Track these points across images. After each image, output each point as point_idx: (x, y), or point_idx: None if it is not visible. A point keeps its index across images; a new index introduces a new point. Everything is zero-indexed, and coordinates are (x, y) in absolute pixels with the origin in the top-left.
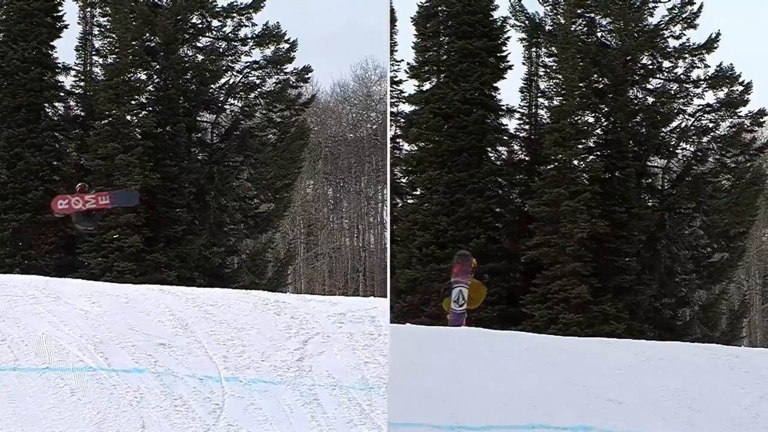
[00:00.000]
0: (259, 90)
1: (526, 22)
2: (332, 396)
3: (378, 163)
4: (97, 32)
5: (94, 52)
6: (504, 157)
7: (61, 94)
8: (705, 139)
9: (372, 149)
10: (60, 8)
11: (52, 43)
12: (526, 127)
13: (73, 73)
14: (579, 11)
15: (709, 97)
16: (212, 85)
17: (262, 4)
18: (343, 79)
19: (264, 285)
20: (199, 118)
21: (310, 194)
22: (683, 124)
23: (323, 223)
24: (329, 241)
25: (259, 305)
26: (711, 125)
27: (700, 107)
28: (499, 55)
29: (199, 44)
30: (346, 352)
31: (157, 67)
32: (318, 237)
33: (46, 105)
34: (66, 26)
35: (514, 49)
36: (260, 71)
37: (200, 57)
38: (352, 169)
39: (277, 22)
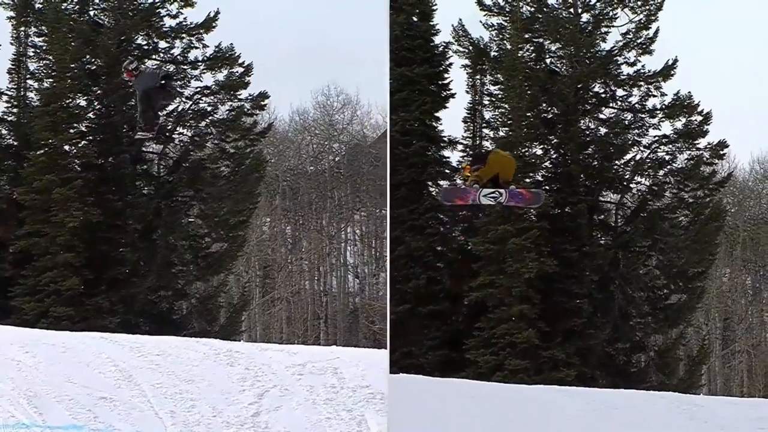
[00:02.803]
0: (210, 118)
1: (470, 47)
2: None
3: (341, 198)
4: (32, 53)
5: (28, 76)
6: None
7: None
8: (661, 173)
9: (335, 183)
10: None
11: None
12: (470, 159)
13: (5, 98)
14: (526, 36)
15: (666, 128)
16: (159, 112)
17: (214, 24)
18: (302, 107)
19: (216, 332)
20: (144, 148)
21: (267, 232)
22: (638, 157)
23: (281, 264)
24: (287, 284)
25: (210, 355)
26: (668, 157)
27: (656, 138)
28: (440, 82)
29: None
30: (306, 406)
31: (99, 92)
32: (275, 280)
33: None
34: None
35: (457, 76)
36: (212, 97)
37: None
38: (313, 205)
39: (231, 44)
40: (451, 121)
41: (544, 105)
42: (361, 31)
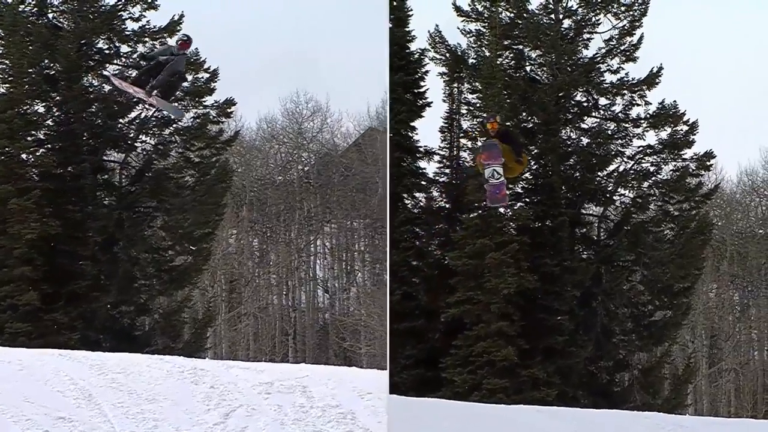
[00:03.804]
0: (174, 125)
1: (447, 54)
2: None
3: (310, 210)
4: None
5: None
6: (422, 204)
7: None
8: (646, 184)
9: (304, 194)
10: None
11: None
12: (447, 171)
13: None
14: (506, 43)
15: (651, 138)
16: (121, 120)
17: (178, 28)
18: (270, 114)
19: (180, 349)
20: (106, 157)
21: (233, 245)
22: (622, 168)
23: (248, 278)
24: (254, 299)
25: (174, 372)
26: (652, 169)
27: (641, 149)
28: (416, 91)
29: (105, 72)
30: (274, 426)
31: (58, 98)
32: (242, 294)
33: None
34: None
35: (434, 84)
36: (176, 103)
37: (107, 88)
38: (281, 216)
39: (196, 48)
40: (428, 130)
41: (524, 114)
42: (331, 36)
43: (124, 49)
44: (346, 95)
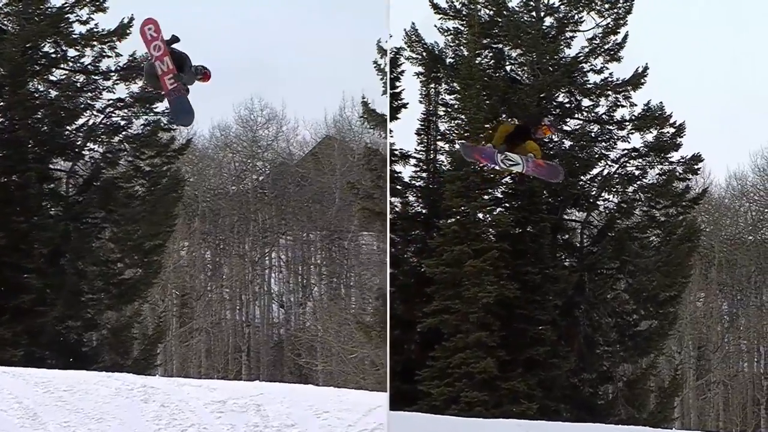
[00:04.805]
0: (124, 133)
1: (424, 53)
2: None
3: (265, 221)
4: None
5: None
6: (398, 209)
7: None
8: (631, 189)
9: (258, 205)
10: None
11: None
12: (424, 174)
13: None
14: (485, 41)
15: (636, 141)
16: (68, 127)
17: (128, 31)
18: (224, 121)
19: (129, 366)
20: (52, 166)
21: (185, 258)
22: (606, 172)
23: (200, 292)
24: (207, 314)
25: (123, 390)
26: (638, 172)
27: (625, 152)
28: (391, 91)
29: (52, 77)
30: None
31: (2, 104)
32: (194, 309)
33: None
34: None
35: (410, 85)
36: (126, 110)
37: (54, 93)
38: (235, 228)
39: (146, 53)
40: (403, 133)
41: (504, 116)
42: (286, 42)
43: (72, 53)
44: (303, 102)
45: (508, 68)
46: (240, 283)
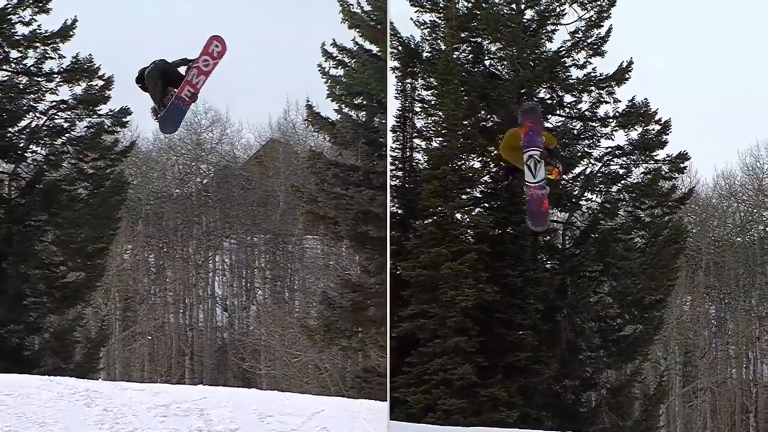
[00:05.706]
0: (67, 135)
1: (399, 48)
2: None
3: (209, 224)
4: None
5: None
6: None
7: None
8: (615, 188)
9: (202, 208)
10: None
11: None
12: (400, 173)
13: None
14: (463, 35)
15: (620, 138)
16: (10, 129)
17: (71, 33)
18: None
19: (71, 370)
20: None
21: (128, 261)
22: (588, 170)
23: (143, 295)
24: (150, 317)
25: (65, 394)
26: (622, 171)
27: (609, 150)
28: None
29: None
30: None
31: None
32: (137, 313)
33: None
34: None
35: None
36: (69, 112)
37: None
38: (179, 231)
39: (90, 55)
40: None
41: (483, 113)
42: (230, 44)
43: (14, 54)
44: (247, 105)
45: (487, 63)
46: (183, 286)
